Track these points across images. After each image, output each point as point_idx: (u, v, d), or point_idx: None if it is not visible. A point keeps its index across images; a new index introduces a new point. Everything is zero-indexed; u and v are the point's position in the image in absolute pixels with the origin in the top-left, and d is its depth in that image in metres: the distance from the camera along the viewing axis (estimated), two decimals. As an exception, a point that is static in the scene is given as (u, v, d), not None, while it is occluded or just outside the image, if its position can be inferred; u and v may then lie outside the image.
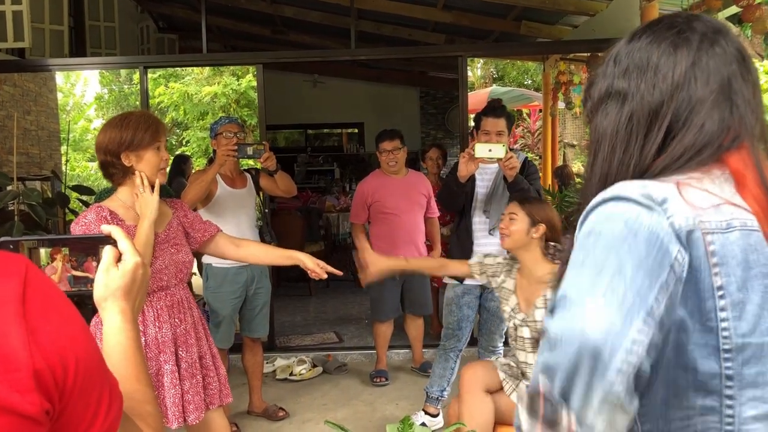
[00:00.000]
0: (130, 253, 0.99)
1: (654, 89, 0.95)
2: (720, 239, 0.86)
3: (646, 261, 0.83)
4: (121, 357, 0.94)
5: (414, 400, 4.23)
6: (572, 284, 0.87)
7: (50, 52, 5.59)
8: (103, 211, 2.25)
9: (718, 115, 0.93)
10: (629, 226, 0.86)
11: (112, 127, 2.28)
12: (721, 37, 0.96)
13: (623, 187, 0.90)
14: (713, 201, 0.88)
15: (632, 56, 0.98)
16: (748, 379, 0.87)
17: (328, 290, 7.65)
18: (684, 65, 0.94)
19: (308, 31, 8.00)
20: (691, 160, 0.93)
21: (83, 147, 16.55)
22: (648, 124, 0.95)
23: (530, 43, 6.54)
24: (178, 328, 2.37)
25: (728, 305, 0.86)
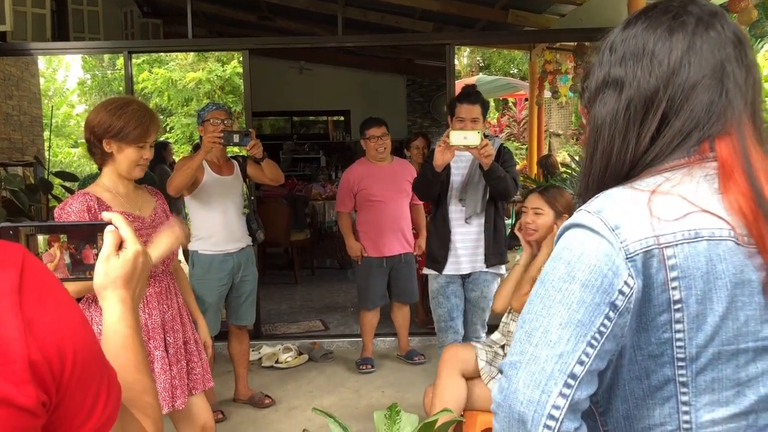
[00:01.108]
0: (131, 241, 0.98)
1: (650, 76, 0.94)
2: (684, 251, 0.86)
3: (577, 312, 0.86)
4: (121, 346, 0.93)
5: (399, 387, 4.25)
6: (513, 346, 0.91)
7: (32, 35, 5.50)
8: (89, 199, 2.23)
9: (708, 98, 0.93)
10: (570, 268, 0.88)
11: (106, 110, 2.25)
12: (716, 20, 0.95)
13: (582, 214, 0.91)
14: (684, 209, 0.88)
15: (628, 43, 0.98)
16: (703, 386, 0.89)
17: (314, 278, 7.65)
18: (679, 50, 0.94)
19: (295, 17, 7.95)
20: (679, 146, 0.93)
21: (66, 133, 16.38)
22: (644, 111, 0.95)
23: (518, 32, 6.54)
24: (166, 314, 2.39)
25: (684, 318, 0.87)
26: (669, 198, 0.89)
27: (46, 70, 16.46)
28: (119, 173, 2.31)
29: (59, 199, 5.53)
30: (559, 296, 0.88)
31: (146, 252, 1.00)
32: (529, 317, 0.90)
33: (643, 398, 0.91)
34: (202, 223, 3.73)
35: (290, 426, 3.75)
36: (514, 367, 0.88)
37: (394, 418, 2.09)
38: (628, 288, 0.86)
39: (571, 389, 0.85)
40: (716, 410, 0.89)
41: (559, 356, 0.85)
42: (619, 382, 0.92)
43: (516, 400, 0.86)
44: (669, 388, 0.89)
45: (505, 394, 0.88)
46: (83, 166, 15.17)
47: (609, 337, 0.86)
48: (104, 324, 0.95)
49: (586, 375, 0.86)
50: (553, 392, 0.85)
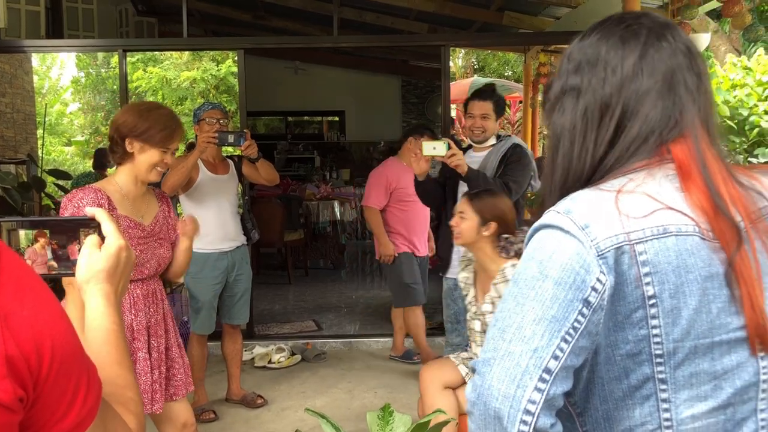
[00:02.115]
0: (114, 236, 0.97)
1: (604, 83, 0.99)
2: (654, 246, 0.88)
3: (550, 308, 0.87)
4: (103, 341, 0.92)
5: (392, 388, 4.25)
6: (486, 343, 0.92)
7: (26, 33, 5.48)
8: (101, 197, 2.24)
9: (662, 104, 0.96)
10: (542, 267, 0.90)
11: (134, 111, 2.30)
12: (667, 31, 0.99)
13: (551, 215, 0.93)
14: (650, 207, 0.90)
15: (583, 53, 1.02)
16: (682, 381, 0.90)
17: (307, 279, 7.65)
18: (632, 58, 0.98)
19: (290, 17, 7.94)
20: (638, 150, 0.96)
21: (59, 131, 16.31)
22: (600, 117, 0.99)
23: (513, 34, 6.55)
24: (152, 318, 2.41)
25: (659, 313, 0.88)
26: (635, 196, 0.91)
27: (39, 68, 16.39)
28: (135, 174, 2.33)
29: (52, 197, 5.52)
30: (533, 293, 0.89)
31: (129, 247, 0.99)
32: (502, 315, 0.91)
33: (623, 398, 0.92)
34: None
35: (282, 426, 3.75)
36: (487, 364, 0.89)
37: (387, 419, 2.09)
38: (600, 284, 0.87)
39: (547, 384, 0.85)
40: (696, 405, 0.90)
41: (534, 351, 0.86)
42: (596, 382, 0.93)
43: (491, 396, 0.87)
44: (648, 386, 0.90)
45: (479, 392, 0.89)
46: (76, 164, 15.11)
47: (583, 333, 0.87)
48: (86, 319, 0.94)
49: (561, 370, 0.87)
50: (528, 387, 0.85)
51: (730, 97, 5.59)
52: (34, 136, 7.61)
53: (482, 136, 3.51)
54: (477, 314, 2.79)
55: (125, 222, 2.30)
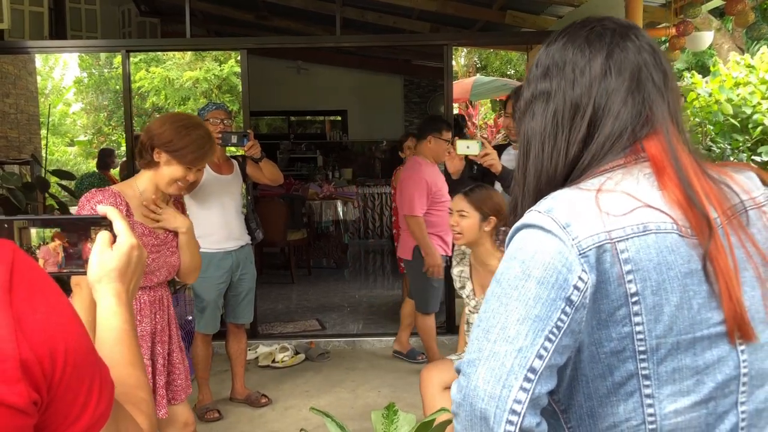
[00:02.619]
0: (126, 235, 0.97)
1: (573, 84, 1.01)
2: (635, 244, 0.89)
3: (534, 307, 0.88)
4: (115, 341, 0.91)
5: (396, 387, 4.25)
6: (470, 344, 0.92)
7: (30, 34, 5.49)
8: (119, 203, 2.24)
9: (632, 102, 0.98)
10: (524, 266, 0.90)
11: (172, 127, 2.29)
12: (631, 31, 1.02)
13: (532, 215, 0.94)
14: (630, 205, 0.91)
15: (551, 57, 1.04)
16: (665, 377, 0.91)
17: (311, 278, 7.66)
18: (600, 58, 1.00)
19: (292, 16, 7.94)
20: (612, 147, 0.98)
21: (62, 131, 16.35)
22: (572, 117, 1.00)
23: (516, 33, 6.55)
24: (158, 324, 2.41)
25: (642, 310, 0.89)
26: (614, 195, 0.92)
27: (42, 68, 16.43)
28: (156, 183, 2.34)
29: (56, 198, 5.53)
30: (516, 293, 0.90)
31: (140, 246, 0.99)
32: (485, 315, 0.92)
33: (607, 395, 0.93)
34: (201, 222, 3.73)
35: (286, 425, 3.76)
36: (472, 365, 0.89)
37: (392, 418, 2.09)
38: (582, 283, 0.88)
39: (532, 383, 0.86)
40: (678, 400, 0.91)
41: (519, 351, 0.87)
42: (580, 380, 0.94)
43: (477, 397, 0.87)
44: (632, 383, 0.91)
45: (464, 393, 0.89)
46: (79, 165, 15.14)
47: (566, 332, 0.88)
48: (98, 318, 0.94)
49: (546, 369, 0.87)
50: (514, 386, 0.86)
51: (734, 95, 5.58)
52: (38, 136, 7.63)
53: None
54: (477, 308, 2.80)
55: (140, 229, 2.31)
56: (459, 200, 2.83)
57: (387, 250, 9.15)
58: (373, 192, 9.81)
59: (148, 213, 2.34)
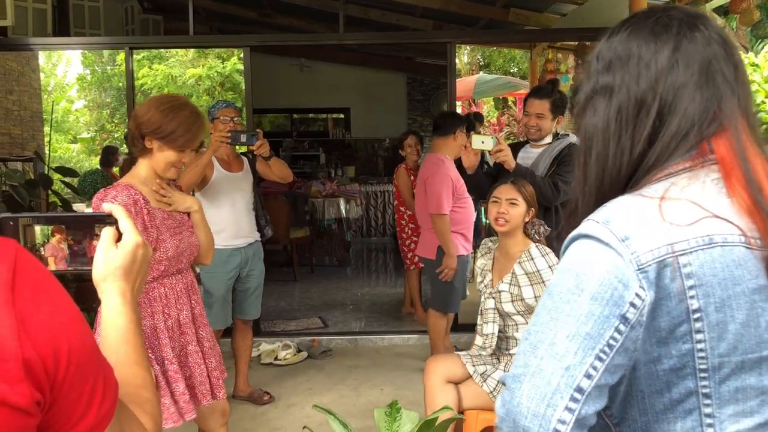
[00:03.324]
0: (131, 233, 0.95)
1: (639, 78, 0.94)
2: (700, 258, 0.84)
3: (585, 324, 0.84)
4: (120, 340, 0.90)
5: (398, 385, 4.25)
6: (517, 358, 0.89)
7: (33, 30, 5.50)
8: (135, 193, 2.23)
9: (700, 97, 0.92)
10: (578, 280, 0.86)
11: (158, 110, 2.25)
12: (699, 21, 0.96)
13: (590, 224, 0.89)
14: (696, 215, 0.86)
15: (614, 50, 0.98)
16: (727, 396, 0.86)
17: (313, 276, 7.66)
18: (666, 52, 0.93)
19: (295, 14, 7.94)
20: (678, 146, 0.92)
21: (65, 128, 16.35)
22: (636, 114, 0.94)
23: (519, 31, 6.54)
24: (195, 309, 2.43)
25: (705, 327, 0.85)
26: (679, 204, 0.87)
27: (45, 65, 16.43)
28: (154, 169, 2.33)
29: (59, 195, 5.53)
30: (567, 308, 0.86)
31: (146, 244, 0.98)
32: (534, 329, 0.88)
33: (664, 412, 0.89)
34: (212, 218, 3.74)
35: (289, 423, 3.76)
36: (517, 380, 0.86)
37: (395, 416, 2.09)
38: (639, 300, 0.84)
39: (578, 404, 0.83)
40: (741, 421, 0.87)
41: (566, 369, 0.83)
42: (635, 395, 0.90)
43: (520, 414, 0.84)
44: (691, 401, 0.87)
45: (508, 408, 0.86)
46: (82, 162, 15.15)
47: (619, 350, 0.84)
48: (103, 317, 0.93)
49: (594, 389, 0.83)
50: (558, 406, 0.82)
51: (738, 94, 5.57)
52: (41, 133, 7.63)
53: (537, 134, 3.48)
54: (492, 294, 2.83)
55: (160, 214, 2.30)
56: (509, 189, 2.87)
57: (389, 248, 9.15)
58: (376, 190, 9.80)
59: (159, 198, 2.33)
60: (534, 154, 3.49)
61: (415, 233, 5.23)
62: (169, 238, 2.29)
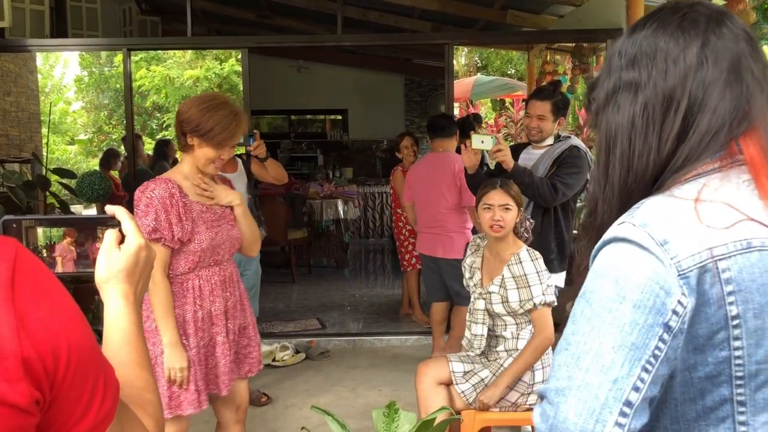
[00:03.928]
0: (134, 235, 0.95)
1: (666, 74, 0.91)
2: (738, 262, 0.82)
3: (630, 334, 0.81)
4: (122, 342, 0.90)
5: (396, 386, 4.25)
6: (558, 370, 0.85)
7: (31, 32, 5.50)
8: (172, 186, 2.32)
9: (730, 95, 0.89)
10: (618, 287, 0.83)
11: (198, 108, 2.34)
12: (726, 18, 0.94)
13: (626, 227, 0.86)
14: (732, 218, 0.83)
15: (638, 46, 0.94)
16: (762, 404, 0.85)
17: (311, 277, 7.66)
18: (694, 48, 0.90)
19: (294, 15, 7.94)
20: (708, 146, 0.89)
21: (62, 130, 16.34)
22: (664, 111, 0.91)
23: (517, 32, 6.56)
24: (229, 301, 2.48)
25: (743, 333, 0.82)
26: (714, 206, 0.84)
27: (43, 67, 16.42)
28: (196, 165, 2.41)
29: (57, 196, 5.53)
30: (609, 317, 0.82)
31: (149, 246, 0.98)
32: (575, 339, 0.84)
33: (696, 420, 0.87)
34: None
35: (287, 424, 3.76)
36: (561, 394, 0.82)
37: (393, 416, 2.10)
38: (681, 307, 0.81)
39: (628, 418, 0.79)
40: None
41: (614, 382, 0.80)
42: (668, 403, 0.88)
43: (566, 430, 0.80)
44: (725, 408, 0.85)
45: (551, 423, 0.82)
46: (80, 163, 15.14)
47: (663, 360, 0.81)
48: (105, 319, 0.93)
49: (641, 402, 0.80)
50: (608, 422, 0.78)
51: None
52: (39, 134, 7.63)
53: (539, 136, 3.46)
54: (482, 294, 2.83)
55: (197, 207, 2.38)
56: (501, 194, 2.84)
57: (387, 249, 9.15)
58: (374, 191, 9.81)
59: (200, 192, 2.41)
60: (536, 156, 3.50)
61: (413, 235, 5.21)
62: (204, 231, 2.36)
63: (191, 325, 2.35)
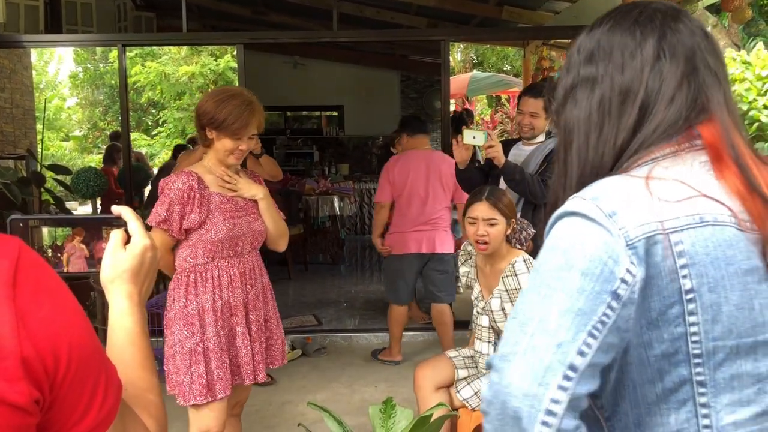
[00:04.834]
0: (140, 235, 0.96)
1: (623, 68, 0.93)
2: (691, 236, 0.82)
3: (577, 300, 0.80)
4: (126, 342, 0.90)
5: (392, 382, 4.26)
6: (505, 337, 0.85)
7: (25, 28, 5.47)
8: (192, 179, 2.39)
9: (686, 87, 0.91)
10: (567, 256, 0.83)
11: (212, 100, 2.41)
12: (681, 14, 0.96)
13: (576, 201, 0.87)
14: (684, 193, 0.84)
15: (596, 41, 0.97)
16: (723, 384, 0.83)
17: (307, 273, 7.66)
18: (651, 41, 0.93)
19: (289, 11, 7.92)
20: (664, 133, 0.91)
21: (57, 126, 16.29)
22: (621, 103, 0.93)
23: (513, 29, 6.55)
24: (250, 293, 2.53)
25: (698, 308, 0.82)
26: (667, 183, 0.86)
27: (37, 63, 16.36)
28: (218, 158, 2.47)
29: (51, 193, 5.51)
30: (558, 285, 0.82)
31: (154, 247, 0.98)
32: (522, 307, 0.84)
33: (656, 403, 0.85)
34: None
35: (283, 420, 3.76)
36: (506, 360, 0.82)
37: (389, 413, 2.10)
38: (630, 276, 0.81)
39: (571, 382, 0.78)
40: (738, 411, 0.84)
41: (558, 346, 0.79)
42: (627, 385, 0.87)
43: (509, 394, 0.79)
44: (685, 390, 0.84)
45: (496, 389, 0.81)
46: (74, 159, 15.10)
47: (612, 328, 0.81)
48: (110, 319, 0.93)
49: (588, 368, 0.79)
50: (551, 384, 0.78)
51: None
52: (33, 131, 7.60)
53: (530, 133, 3.46)
54: (486, 310, 2.74)
55: (217, 198, 2.44)
56: (484, 208, 2.67)
57: (383, 245, 9.13)
58: (370, 187, 9.78)
59: (223, 184, 2.47)
60: (526, 152, 3.49)
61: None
62: (221, 221, 2.42)
63: (210, 314, 2.41)
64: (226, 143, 2.41)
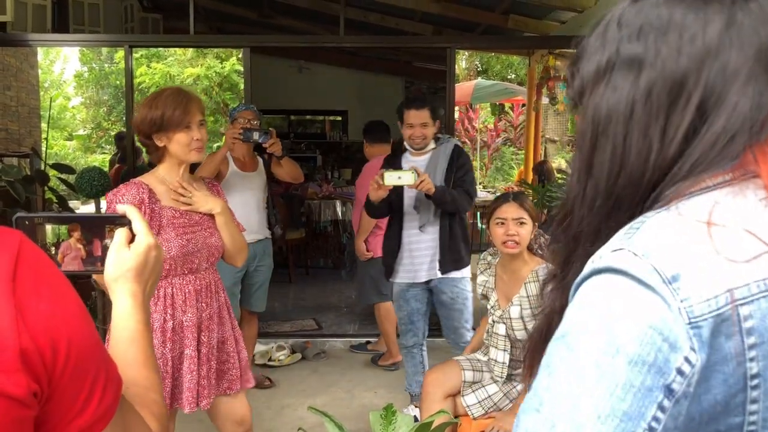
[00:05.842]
0: (144, 234, 0.96)
1: (679, 54, 0.70)
2: (761, 308, 0.61)
3: (622, 400, 0.60)
4: (129, 341, 0.91)
5: (392, 388, 4.25)
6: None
7: (32, 27, 5.49)
8: (143, 191, 2.25)
9: (752, 90, 0.68)
10: (611, 336, 0.62)
11: (145, 106, 2.31)
12: None
13: (624, 256, 0.64)
14: (754, 248, 0.62)
15: (646, 14, 0.73)
16: None
17: (308, 278, 7.65)
18: (718, 24, 0.70)
19: (296, 16, 7.95)
20: (722, 152, 0.68)
21: (61, 125, 16.33)
22: (671, 101, 0.70)
23: (519, 37, 6.56)
24: (204, 312, 2.37)
25: (761, 396, 0.62)
26: (732, 232, 0.63)
27: (42, 62, 16.41)
28: (177, 163, 2.34)
29: (55, 191, 5.52)
30: (596, 374, 0.61)
31: (159, 246, 0.98)
32: (549, 398, 0.64)
33: None
34: None
35: (282, 424, 3.76)
36: None
37: (390, 419, 2.09)
38: (688, 366, 0.61)
39: None
40: None
41: None
42: None
43: None
44: None
45: None
46: (78, 158, 15.12)
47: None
48: (113, 318, 0.93)
49: None
50: None
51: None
52: (38, 129, 7.63)
53: (423, 143, 3.49)
54: (503, 318, 2.71)
55: (169, 213, 2.30)
56: (513, 208, 2.70)
57: (384, 251, 9.13)
58: (372, 193, 9.80)
59: (176, 196, 2.33)
60: (422, 162, 3.49)
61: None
62: (174, 238, 2.27)
63: (158, 335, 2.27)
64: (180, 138, 2.27)
